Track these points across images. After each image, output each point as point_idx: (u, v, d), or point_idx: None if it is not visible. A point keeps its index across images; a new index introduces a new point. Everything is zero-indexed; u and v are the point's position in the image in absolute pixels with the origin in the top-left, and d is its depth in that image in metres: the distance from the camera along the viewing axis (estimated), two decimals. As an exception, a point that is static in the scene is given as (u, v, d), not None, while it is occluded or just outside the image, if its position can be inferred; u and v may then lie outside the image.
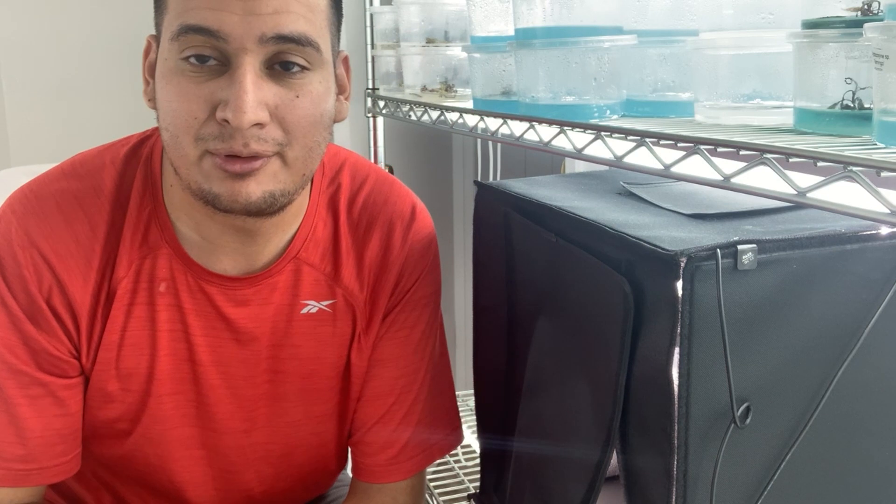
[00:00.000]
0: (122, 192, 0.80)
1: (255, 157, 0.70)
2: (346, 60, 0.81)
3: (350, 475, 0.96)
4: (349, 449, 0.95)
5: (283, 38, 0.69)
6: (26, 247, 0.77)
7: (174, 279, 0.80)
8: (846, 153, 0.47)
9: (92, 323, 0.80)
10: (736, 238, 0.60)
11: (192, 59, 0.69)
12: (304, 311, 0.85)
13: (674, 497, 0.61)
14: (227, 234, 0.79)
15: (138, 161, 0.82)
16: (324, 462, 0.95)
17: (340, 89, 0.80)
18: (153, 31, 0.76)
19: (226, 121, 0.68)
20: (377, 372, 0.89)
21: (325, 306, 0.85)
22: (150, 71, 0.76)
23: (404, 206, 0.89)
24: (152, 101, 0.75)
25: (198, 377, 0.83)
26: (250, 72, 0.68)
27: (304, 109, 0.71)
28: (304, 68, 0.71)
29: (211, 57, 0.69)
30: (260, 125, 0.69)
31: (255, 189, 0.71)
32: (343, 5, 0.80)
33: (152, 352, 0.81)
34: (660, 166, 0.64)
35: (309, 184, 0.84)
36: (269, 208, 0.73)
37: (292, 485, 0.94)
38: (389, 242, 0.87)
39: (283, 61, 0.70)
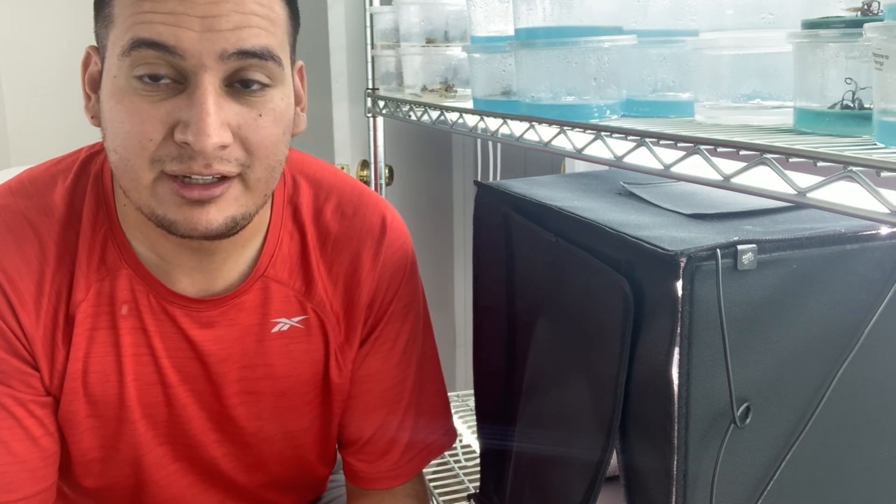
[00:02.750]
0: (73, 212, 0.76)
1: (216, 182, 0.67)
2: (301, 70, 0.78)
3: (343, 474, 0.96)
4: (344, 456, 0.94)
5: (244, 54, 0.65)
6: None
7: (136, 301, 0.77)
8: (846, 153, 0.47)
9: (52, 350, 0.76)
10: (736, 238, 0.60)
11: (145, 77, 0.65)
12: (276, 329, 0.82)
13: (674, 497, 0.61)
14: (183, 253, 0.76)
15: (88, 178, 0.78)
16: (306, 470, 0.94)
17: (297, 100, 0.76)
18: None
19: (186, 143, 0.64)
20: (367, 387, 0.88)
21: (297, 322, 0.83)
22: (92, 85, 0.72)
23: (373, 219, 0.86)
24: (96, 117, 0.71)
25: (169, 398, 0.81)
26: (211, 91, 0.64)
27: (266, 129, 0.68)
28: (265, 85, 0.68)
29: (165, 73, 0.65)
30: (222, 146, 0.65)
31: (217, 216, 0.68)
32: (341, 6, 0.79)
33: (119, 378, 0.78)
34: (660, 166, 0.64)
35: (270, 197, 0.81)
36: (230, 232, 0.70)
37: (274, 492, 0.93)
38: (359, 260, 0.84)
39: (242, 79, 0.67)
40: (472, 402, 1.24)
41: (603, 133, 0.71)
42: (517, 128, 0.86)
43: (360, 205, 0.86)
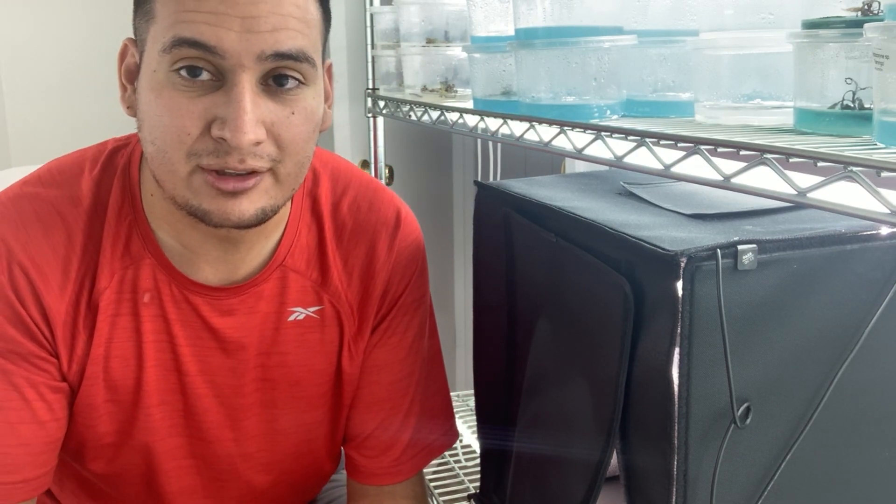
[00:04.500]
0: (99, 202, 0.78)
1: (249, 174, 0.69)
2: (329, 68, 0.80)
3: (344, 474, 0.96)
4: (347, 450, 0.94)
5: (281, 56, 0.67)
6: (1, 253, 0.75)
7: (158, 289, 0.79)
8: (846, 153, 0.47)
9: (73, 335, 0.77)
10: (736, 238, 0.60)
11: (184, 72, 0.67)
12: (292, 318, 0.84)
13: (674, 497, 0.61)
14: (208, 242, 0.78)
15: (115, 170, 0.80)
16: (316, 466, 0.94)
17: (325, 97, 0.78)
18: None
19: (223, 139, 0.67)
20: (373, 378, 0.89)
21: (313, 312, 0.84)
22: (129, 76, 0.74)
23: (388, 212, 0.88)
24: (132, 108, 0.73)
25: (185, 387, 0.82)
26: (248, 90, 0.67)
27: (298, 126, 0.70)
28: (298, 83, 0.70)
29: (204, 70, 0.67)
30: (257, 142, 0.68)
31: (248, 207, 0.70)
32: (341, 6, 0.79)
33: (139, 363, 0.80)
34: (660, 166, 0.64)
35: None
36: (259, 223, 0.72)
37: (285, 490, 0.93)
38: (374, 251, 0.86)
39: (277, 76, 0.69)
40: (472, 402, 1.24)
41: (603, 133, 0.71)
42: (517, 128, 0.86)
43: (375, 199, 0.88)
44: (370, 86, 1.53)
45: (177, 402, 0.83)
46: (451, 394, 1.00)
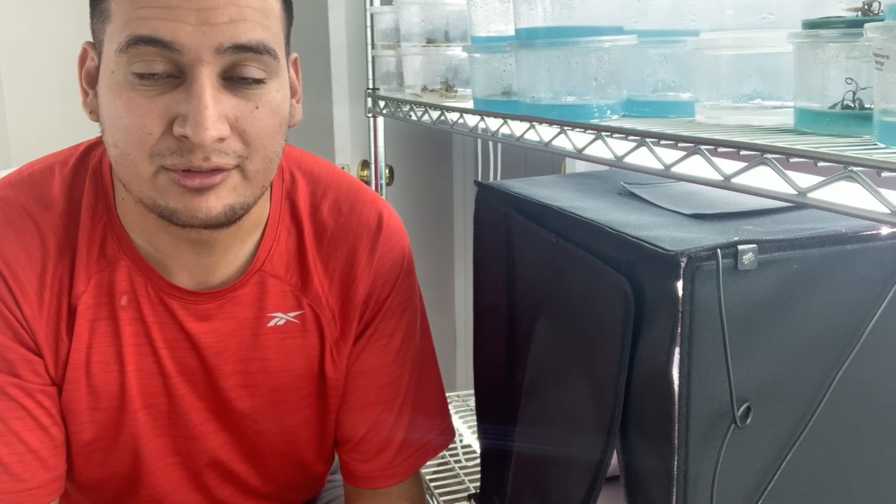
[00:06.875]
0: (72, 204, 0.77)
1: (215, 171, 0.67)
2: (295, 62, 0.79)
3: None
4: (340, 454, 0.94)
5: (240, 48, 0.66)
6: None
7: (135, 291, 0.78)
8: (846, 153, 0.47)
9: (56, 341, 0.77)
10: (736, 238, 0.60)
11: (144, 74, 0.65)
12: (272, 323, 0.82)
13: (674, 497, 0.61)
14: (181, 246, 0.77)
15: (86, 170, 0.79)
16: (303, 466, 0.94)
17: (292, 92, 0.77)
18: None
19: (185, 137, 0.65)
20: (361, 383, 0.88)
21: (293, 317, 0.83)
22: (89, 81, 0.73)
23: (370, 216, 0.86)
24: (94, 112, 0.72)
25: (168, 389, 0.81)
26: (208, 85, 0.65)
27: (263, 121, 0.69)
28: (261, 79, 0.68)
29: (162, 70, 0.66)
30: (220, 139, 0.66)
31: (216, 203, 0.68)
32: (341, 6, 0.79)
33: (120, 368, 0.79)
34: (660, 166, 0.64)
35: (268, 192, 0.82)
36: (228, 221, 0.71)
37: (275, 487, 0.93)
38: (355, 256, 0.85)
39: (239, 73, 0.67)
40: (472, 402, 1.24)
41: (603, 133, 0.71)
42: (517, 128, 0.86)
43: (356, 201, 0.87)
44: (370, 86, 1.53)
45: (161, 405, 0.82)
46: (451, 394, 1.00)
